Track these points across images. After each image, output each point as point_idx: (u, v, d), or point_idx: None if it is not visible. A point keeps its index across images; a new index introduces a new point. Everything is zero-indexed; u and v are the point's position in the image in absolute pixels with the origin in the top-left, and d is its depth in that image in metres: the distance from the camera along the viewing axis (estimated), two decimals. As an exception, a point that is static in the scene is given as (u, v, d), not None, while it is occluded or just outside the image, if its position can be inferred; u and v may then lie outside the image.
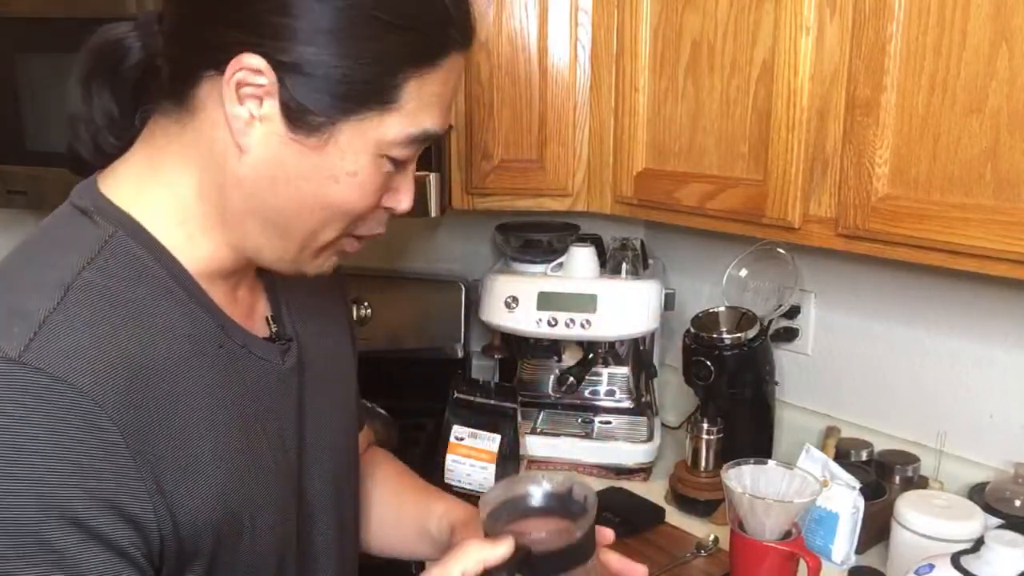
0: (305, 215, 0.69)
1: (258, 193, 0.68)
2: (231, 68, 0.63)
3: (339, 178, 0.67)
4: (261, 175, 0.67)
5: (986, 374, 1.31)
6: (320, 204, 0.68)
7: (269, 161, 0.66)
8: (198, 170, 0.68)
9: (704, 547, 1.30)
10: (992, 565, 0.88)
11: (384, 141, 0.67)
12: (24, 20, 1.48)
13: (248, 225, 0.69)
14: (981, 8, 0.95)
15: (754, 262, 1.55)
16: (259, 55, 0.63)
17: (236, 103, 0.64)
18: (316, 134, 0.65)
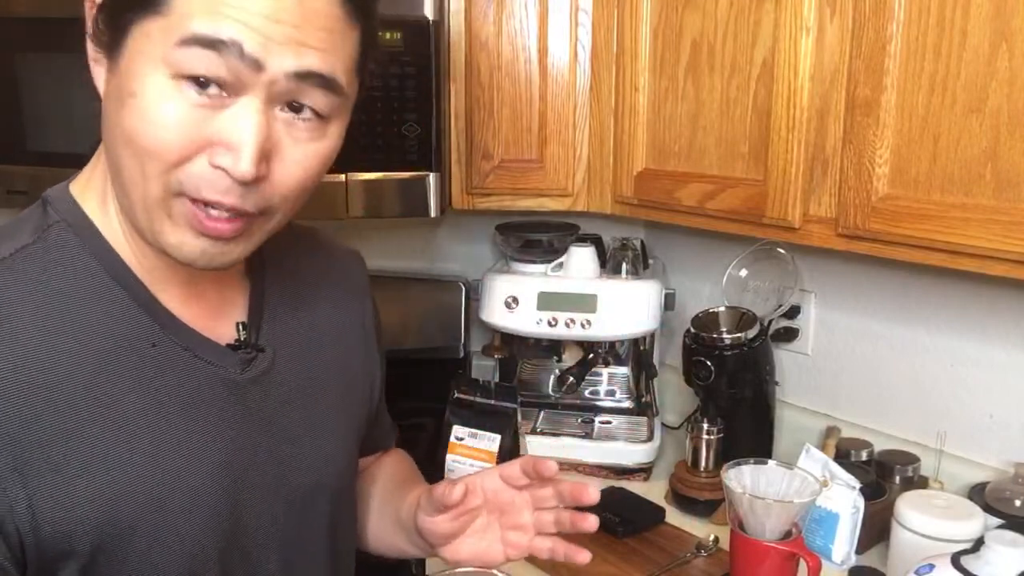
0: (118, 152, 0.63)
1: (105, 141, 0.65)
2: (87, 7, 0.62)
3: (124, 100, 0.61)
4: (103, 118, 0.64)
5: (986, 374, 1.31)
6: (121, 136, 0.62)
7: (104, 99, 0.64)
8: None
9: (704, 547, 1.30)
10: (992, 565, 0.88)
11: (159, 52, 0.59)
12: (24, 20, 1.48)
13: (114, 182, 0.66)
14: (981, 8, 0.95)
15: (754, 262, 1.55)
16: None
17: (91, 21, 0.64)
18: (112, 55, 0.62)
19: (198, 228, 0.62)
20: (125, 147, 0.61)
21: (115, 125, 0.62)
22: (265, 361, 0.75)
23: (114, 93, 0.62)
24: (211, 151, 0.60)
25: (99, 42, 0.62)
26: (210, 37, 0.58)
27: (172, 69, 0.59)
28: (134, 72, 0.60)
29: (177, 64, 0.59)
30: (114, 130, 0.62)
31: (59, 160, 1.54)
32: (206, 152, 0.60)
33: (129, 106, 0.60)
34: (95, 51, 0.63)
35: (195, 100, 0.59)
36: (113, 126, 0.62)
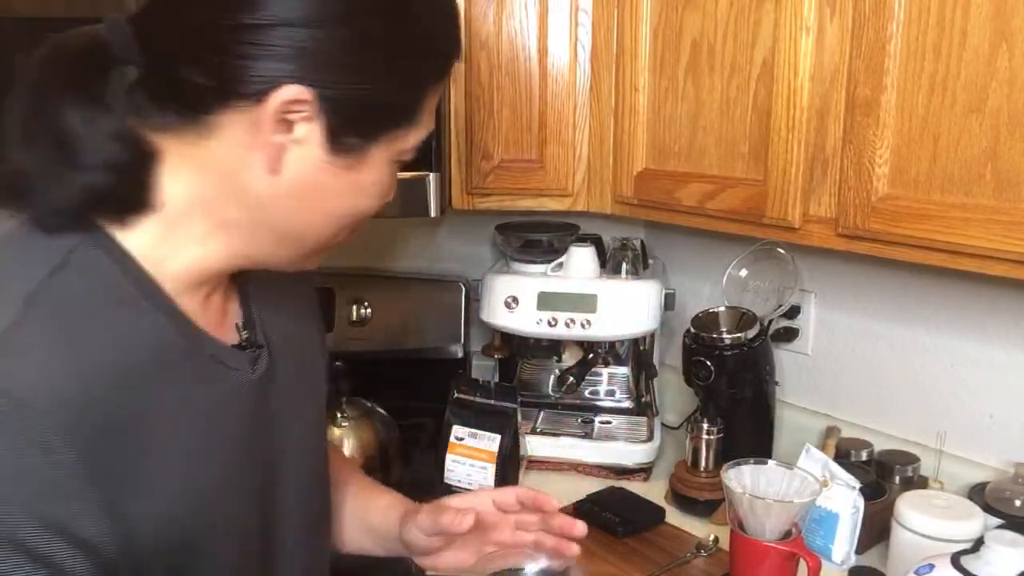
0: (328, 226, 0.71)
1: (281, 211, 0.68)
2: (274, 99, 0.63)
3: (366, 189, 0.70)
4: (288, 196, 0.67)
5: (986, 374, 1.31)
6: (347, 215, 0.71)
7: (301, 183, 0.67)
8: (205, 187, 0.67)
9: (704, 547, 1.30)
10: (992, 565, 0.88)
11: (403, 150, 0.71)
12: (24, 20, 1.48)
13: (261, 236, 0.70)
14: (981, 8, 0.95)
15: (754, 262, 1.55)
16: (302, 86, 0.63)
17: (273, 131, 0.64)
18: (352, 155, 0.67)
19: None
20: (335, 220, 0.71)
21: (329, 204, 0.69)
22: (266, 358, 0.77)
23: (343, 185, 0.68)
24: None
25: (336, 144, 0.66)
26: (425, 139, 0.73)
27: (399, 158, 0.71)
28: (377, 166, 0.69)
29: (405, 156, 0.72)
30: (324, 205, 0.69)
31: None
32: None
33: (368, 191, 0.70)
34: (296, 140, 0.65)
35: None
36: (323, 203, 0.69)
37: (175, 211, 0.67)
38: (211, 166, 0.66)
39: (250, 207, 0.67)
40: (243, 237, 0.69)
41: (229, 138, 0.65)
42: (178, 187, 0.67)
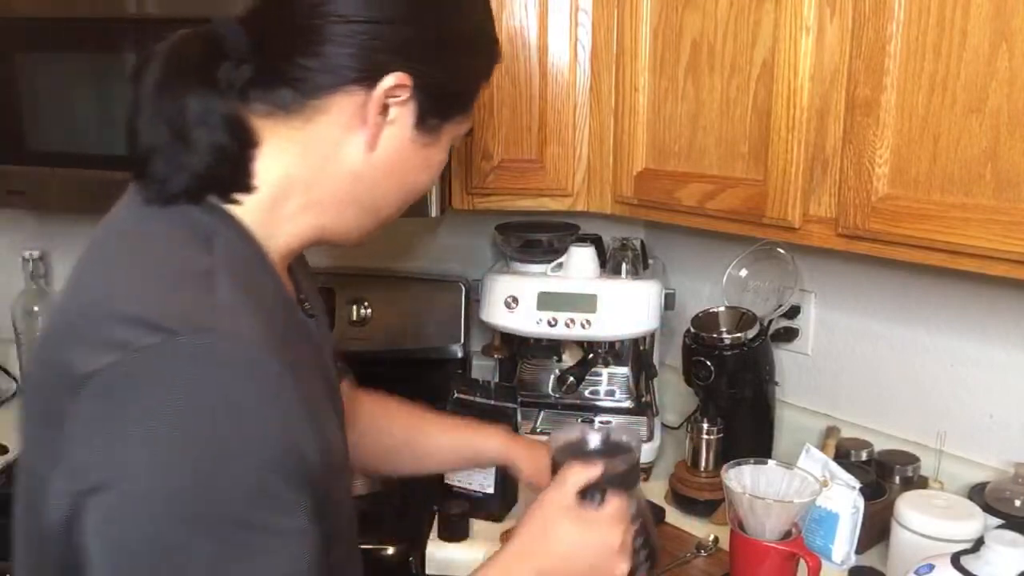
0: (400, 199, 0.83)
1: (371, 183, 0.79)
2: (385, 83, 0.74)
3: (433, 166, 0.83)
4: (378, 169, 0.78)
5: (986, 374, 1.31)
6: (416, 189, 0.83)
7: (390, 157, 0.78)
8: (306, 168, 0.76)
9: (704, 547, 1.30)
10: (992, 565, 0.88)
11: (459, 135, 0.84)
12: (24, 20, 1.48)
13: (348, 210, 0.80)
14: (981, 8, 0.95)
15: (754, 262, 1.55)
16: (405, 74, 0.74)
17: (376, 112, 0.75)
18: (431, 134, 0.80)
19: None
20: (405, 193, 0.82)
21: (407, 177, 0.81)
22: (316, 327, 0.86)
23: (419, 160, 0.81)
24: None
25: (422, 125, 0.78)
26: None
27: (455, 143, 0.85)
28: (443, 146, 0.83)
29: (457, 141, 0.86)
30: (403, 178, 0.81)
31: (59, 160, 1.54)
32: None
33: (433, 168, 0.83)
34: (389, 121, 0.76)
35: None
36: (402, 176, 0.80)
37: (271, 192, 0.75)
38: (312, 146, 0.75)
39: (344, 181, 0.77)
40: (329, 212, 0.79)
41: (334, 119, 0.74)
42: (276, 170, 0.75)
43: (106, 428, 0.61)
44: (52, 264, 1.91)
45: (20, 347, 1.85)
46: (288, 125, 0.74)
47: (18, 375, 1.89)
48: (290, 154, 0.75)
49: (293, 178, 0.75)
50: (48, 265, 1.89)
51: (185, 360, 0.61)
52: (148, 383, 0.60)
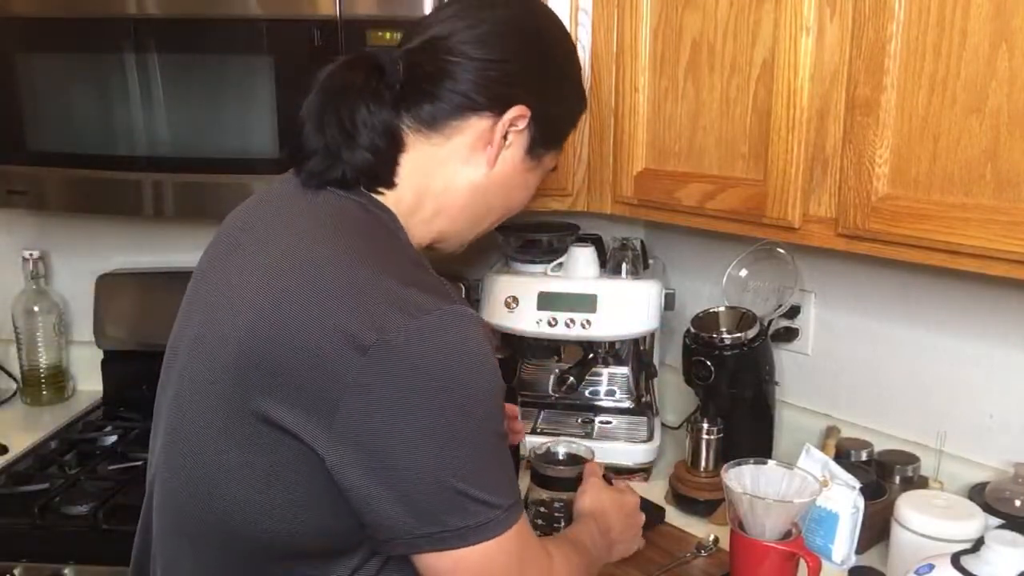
0: (501, 212, 1.00)
1: (484, 197, 0.95)
2: (511, 113, 0.91)
3: (530, 187, 1.01)
4: (493, 184, 0.95)
5: (986, 374, 1.31)
6: (513, 206, 1.01)
7: (503, 176, 0.95)
8: (438, 179, 0.92)
9: (704, 547, 1.30)
10: (992, 565, 0.88)
11: (549, 168, 1.02)
12: (24, 20, 1.48)
13: (461, 217, 0.95)
14: (981, 8, 0.95)
15: (754, 262, 1.55)
16: (527, 107, 0.92)
17: (500, 135, 0.92)
18: (536, 160, 0.97)
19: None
20: (507, 209, 1.01)
21: (511, 194, 0.99)
22: None
23: (523, 181, 0.99)
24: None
25: (532, 151, 0.96)
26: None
27: (546, 172, 1.03)
28: (540, 173, 1.01)
29: (547, 172, 1.03)
30: (508, 194, 0.98)
31: (59, 160, 1.54)
32: None
33: (529, 190, 1.01)
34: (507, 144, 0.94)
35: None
36: (507, 193, 0.98)
37: (412, 197, 0.91)
38: (447, 160, 0.91)
39: (465, 191, 0.93)
40: (449, 218, 0.94)
41: (466, 140, 0.91)
42: (416, 178, 0.90)
43: (397, 385, 0.74)
44: (52, 264, 1.91)
45: (20, 347, 1.85)
46: (430, 141, 0.91)
47: (18, 375, 1.89)
48: (429, 165, 0.91)
49: (429, 186, 0.91)
50: (48, 265, 1.89)
51: (453, 325, 0.76)
52: (430, 347, 0.74)
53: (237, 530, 0.81)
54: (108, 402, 1.86)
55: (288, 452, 0.77)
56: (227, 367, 0.79)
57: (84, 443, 1.67)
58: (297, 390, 0.75)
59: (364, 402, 0.73)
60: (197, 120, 1.49)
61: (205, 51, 1.46)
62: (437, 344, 0.75)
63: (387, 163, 0.89)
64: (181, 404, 0.86)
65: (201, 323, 0.86)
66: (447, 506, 0.76)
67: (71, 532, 1.38)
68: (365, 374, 0.73)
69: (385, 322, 0.74)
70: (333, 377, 0.73)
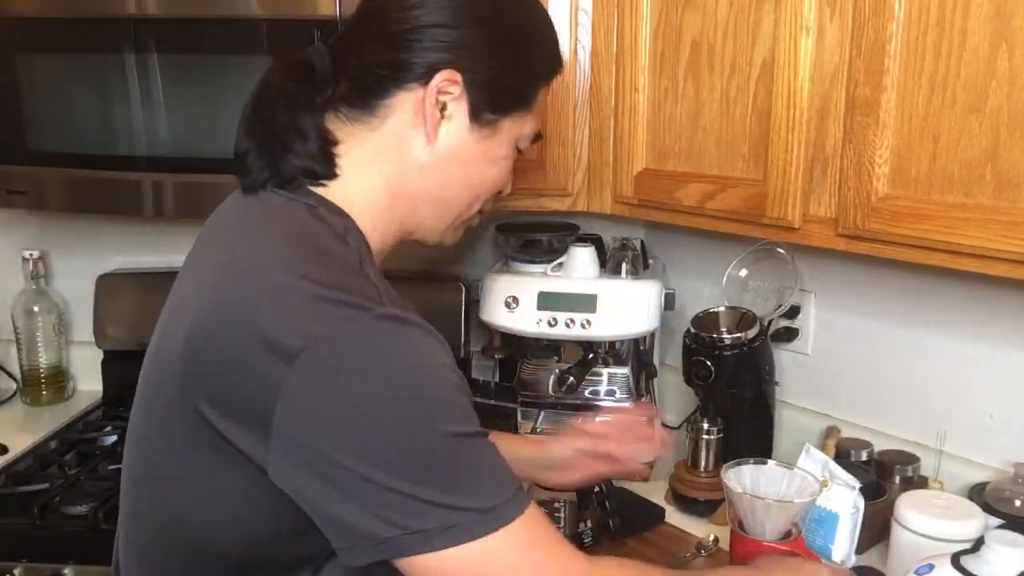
0: (466, 193, 0.92)
1: (437, 176, 0.89)
2: (435, 81, 0.85)
3: (496, 161, 0.92)
4: (441, 160, 0.88)
5: (986, 374, 1.31)
6: (482, 183, 0.93)
7: (450, 150, 0.88)
8: (385, 164, 0.87)
9: (704, 547, 1.30)
10: (992, 565, 0.88)
11: (522, 135, 0.94)
12: (24, 20, 1.48)
13: (419, 205, 0.90)
14: (981, 8, 0.95)
15: (754, 262, 1.55)
16: (456, 70, 0.85)
17: (433, 107, 0.86)
18: (488, 127, 0.90)
19: (470, 223, 0.99)
20: (472, 187, 0.92)
21: (469, 170, 0.91)
22: None
23: (480, 153, 0.91)
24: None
25: (477, 118, 0.88)
26: (539, 135, 0.98)
27: (520, 143, 0.95)
28: (505, 142, 0.92)
29: (523, 144, 0.95)
30: (466, 170, 0.91)
31: (59, 160, 1.54)
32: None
33: (498, 165, 0.93)
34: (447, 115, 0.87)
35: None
36: (464, 169, 0.91)
37: (363, 194, 0.87)
38: (387, 144, 0.87)
39: (414, 175, 0.88)
40: (405, 207, 0.90)
41: (400, 118, 0.86)
42: (359, 167, 0.87)
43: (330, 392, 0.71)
44: (52, 264, 1.91)
45: (20, 347, 1.85)
46: (368, 126, 0.87)
47: (18, 375, 1.89)
48: (371, 152, 0.87)
49: (378, 174, 0.87)
50: (48, 265, 1.89)
51: (383, 328, 0.73)
52: (360, 350, 0.72)
53: (190, 539, 0.81)
54: (108, 402, 1.86)
55: (229, 462, 0.75)
56: (173, 374, 0.78)
57: (84, 443, 1.67)
58: (232, 399, 0.74)
59: (297, 410, 0.71)
60: (197, 120, 1.49)
61: (205, 51, 1.46)
62: (366, 346, 0.72)
63: (322, 160, 0.86)
64: (138, 410, 0.87)
65: (159, 331, 0.86)
66: (403, 509, 0.72)
67: (71, 532, 1.38)
68: (294, 382, 0.70)
69: (309, 327, 0.71)
70: (263, 386, 0.71)
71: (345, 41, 0.89)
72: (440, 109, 0.86)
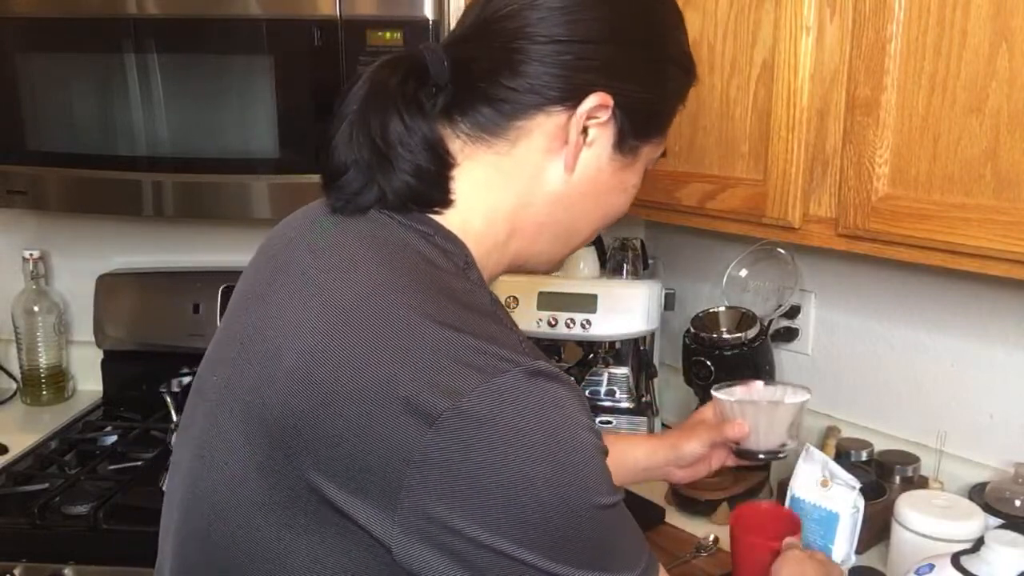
0: (594, 222, 0.83)
1: (567, 207, 0.79)
2: (587, 104, 0.73)
3: (628, 189, 0.82)
4: (577, 191, 0.78)
5: (986, 374, 1.31)
6: (609, 212, 0.83)
7: (587, 180, 0.78)
8: (510, 193, 0.76)
9: (704, 547, 1.30)
10: (992, 565, 0.88)
11: (654, 157, 0.84)
12: (24, 20, 1.48)
13: (542, 235, 0.80)
14: (981, 8, 0.95)
15: (754, 262, 1.55)
16: (608, 93, 0.74)
17: (578, 132, 0.75)
18: (629, 155, 0.79)
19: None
20: (601, 218, 0.83)
21: (601, 200, 0.81)
22: None
23: (616, 182, 0.80)
24: None
25: (621, 145, 0.78)
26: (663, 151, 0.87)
27: (650, 165, 0.84)
28: (639, 168, 0.82)
29: (652, 164, 0.84)
30: (598, 200, 0.80)
31: (59, 160, 1.54)
32: None
33: (628, 192, 0.83)
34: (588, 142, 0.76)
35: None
36: (597, 199, 0.80)
37: (483, 221, 0.76)
38: (516, 171, 0.76)
39: (544, 205, 0.78)
40: (528, 237, 0.80)
41: (536, 143, 0.75)
42: (479, 193, 0.75)
43: (473, 459, 0.60)
44: (52, 264, 1.91)
45: (20, 347, 1.85)
46: (493, 149, 0.75)
47: (18, 375, 1.89)
48: (495, 178, 0.76)
49: (499, 203, 0.76)
50: (48, 265, 1.89)
51: (534, 386, 0.63)
52: (512, 412, 0.61)
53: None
54: (108, 402, 1.86)
55: (342, 537, 0.64)
56: (265, 432, 0.66)
57: (84, 443, 1.67)
58: (353, 467, 0.62)
59: (435, 481, 0.60)
60: (197, 120, 1.49)
61: (205, 51, 1.46)
62: (520, 407, 0.61)
63: (435, 184, 0.74)
64: (204, 456, 0.72)
65: (228, 366, 0.72)
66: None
67: (71, 532, 1.38)
68: (434, 447, 0.60)
69: (456, 385, 0.60)
70: (395, 451, 0.60)
71: (466, 46, 0.76)
72: (583, 134, 0.76)
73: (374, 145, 0.71)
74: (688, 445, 1.13)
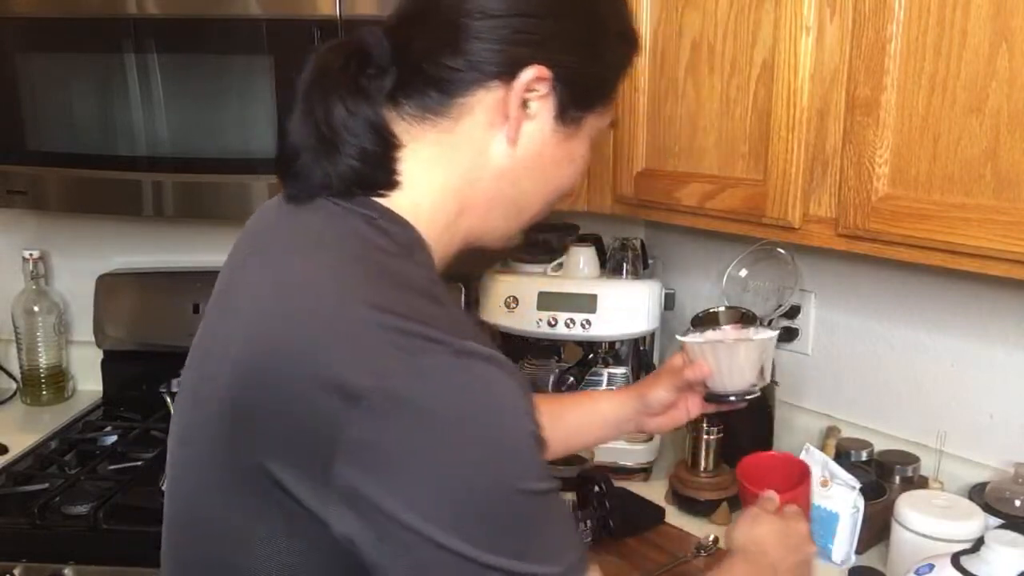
0: (545, 195, 0.83)
1: (514, 180, 0.80)
2: (523, 79, 0.74)
3: (576, 161, 0.83)
4: (521, 164, 0.79)
5: (986, 374, 1.31)
6: (560, 185, 0.84)
7: (532, 152, 0.79)
8: (456, 170, 0.77)
9: (704, 547, 1.30)
10: (992, 565, 0.88)
11: (600, 127, 0.84)
12: (24, 20, 1.48)
13: (492, 211, 0.81)
14: (981, 8, 0.95)
15: (754, 262, 1.55)
16: (545, 66, 0.75)
17: (517, 106, 0.75)
18: (572, 125, 0.80)
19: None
20: (550, 189, 0.83)
21: (548, 172, 0.81)
22: None
23: (562, 153, 0.81)
24: None
25: (563, 116, 0.79)
26: (612, 121, 0.87)
27: (596, 136, 0.84)
28: (584, 139, 0.82)
29: (598, 135, 0.85)
30: (545, 173, 0.81)
31: (59, 160, 1.54)
32: None
33: (576, 163, 0.83)
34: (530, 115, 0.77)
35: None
36: (544, 171, 0.81)
37: (432, 202, 0.77)
38: (461, 149, 0.77)
39: (491, 181, 0.79)
40: (478, 214, 0.80)
41: (478, 119, 0.76)
42: (425, 172, 0.76)
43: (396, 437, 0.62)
44: (52, 264, 1.91)
45: (20, 347, 1.85)
46: (437, 128, 0.76)
47: (18, 375, 1.89)
48: (440, 157, 0.77)
49: (447, 181, 0.77)
50: (48, 265, 1.89)
51: (461, 365, 0.64)
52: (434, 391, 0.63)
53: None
54: (108, 402, 1.86)
55: (289, 513, 0.66)
56: (218, 416, 0.69)
57: (84, 443, 1.67)
58: (291, 445, 0.65)
59: (362, 460, 0.62)
60: (197, 120, 1.49)
61: (205, 51, 1.46)
62: (447, 387, 0.63)
63: (380, 166, 0.75)
64: (177, 448, 0.78)
65: (199, 356, 0.77)
66: (463, 574, 0.63)
67: (71, 532, 1.38)
68: (360, 427, 0.61)
69: (381, 365, 0.62)
70: (324, 430, 0.62)
71: (405, 27, 0.78)
72: (523, 107, 0.76)
73: (319, 131, 0.74)
74: (653, 392, 1.12)
